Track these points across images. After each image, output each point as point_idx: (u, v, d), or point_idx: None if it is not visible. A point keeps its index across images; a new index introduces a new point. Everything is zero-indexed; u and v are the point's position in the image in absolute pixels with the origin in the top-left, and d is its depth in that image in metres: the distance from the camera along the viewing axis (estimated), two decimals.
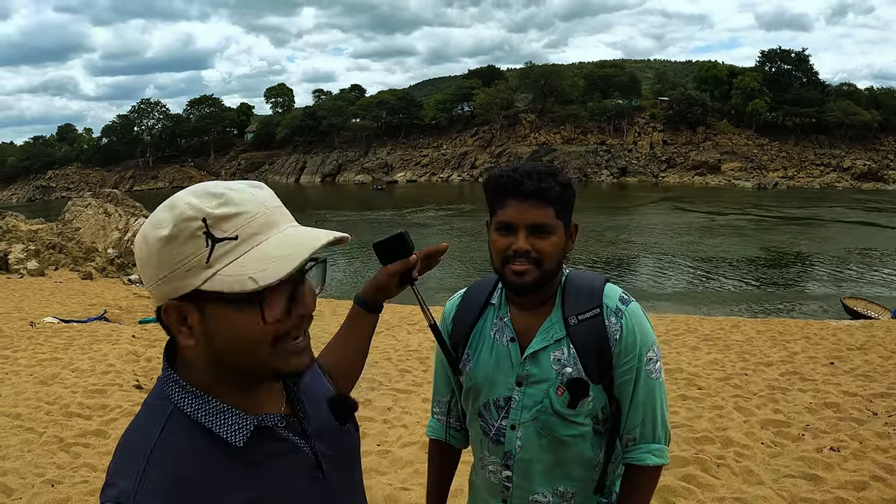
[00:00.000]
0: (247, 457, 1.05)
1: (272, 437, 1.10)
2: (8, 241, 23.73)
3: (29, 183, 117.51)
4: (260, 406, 1.11)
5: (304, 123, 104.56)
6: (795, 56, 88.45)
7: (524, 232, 1.70)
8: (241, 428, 1.05)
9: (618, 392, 1.79)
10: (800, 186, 71.17)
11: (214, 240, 0.97)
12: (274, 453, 1.10)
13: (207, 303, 0.99)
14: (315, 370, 1.34)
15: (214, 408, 1.05)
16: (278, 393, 1.17)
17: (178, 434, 1.02)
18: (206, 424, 1.03)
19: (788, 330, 11.61)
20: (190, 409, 1.04)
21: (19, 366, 8.45)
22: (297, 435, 1.15)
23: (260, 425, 1.08)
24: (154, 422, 1.03)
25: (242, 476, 1.04)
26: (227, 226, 0.98)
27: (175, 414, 1.04)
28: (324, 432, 1.20)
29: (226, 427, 1.04)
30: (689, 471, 4.89)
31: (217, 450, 1.03)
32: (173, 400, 1.05)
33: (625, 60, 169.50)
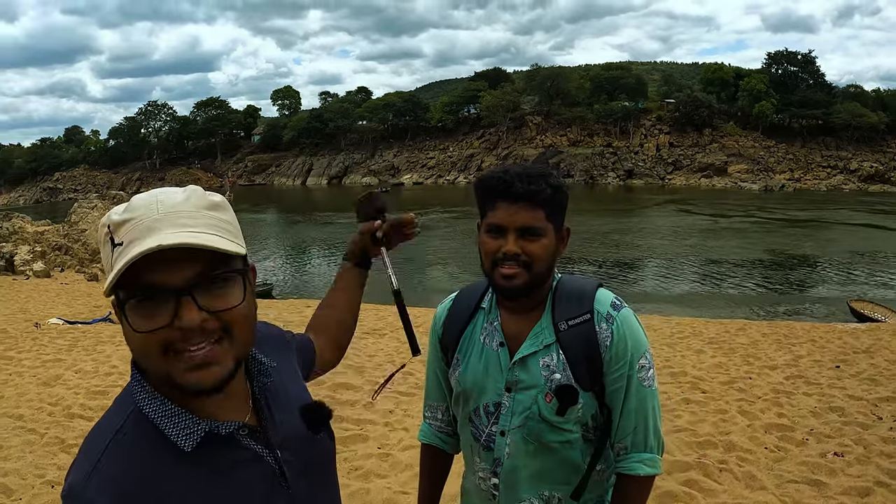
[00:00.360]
0: (199, 462, 1.04)
1: (231, 444, 1.09)
2: (14, 242, 23.81)
3: (36, 185, 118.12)
4: (222, 413, 1.09)
5: (311, 126, 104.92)
6: (802, 58, 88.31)
7: (514, 234, 1.67)
8: (191, 433, 1.04)
9: (609, 400, 1.75)
10: (806, 189, 71.00)
11: (113, 244, 0.99)
12: (232, 461, 1.08)
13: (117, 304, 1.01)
14: (295, 372, 1.34)
15: (169, 410, 1.04)
16: (244, 400, 1.16)
17: (134, 433, 1.03)
18: (160, 426, 1.03)
19: (794, 333, 11.56)
20: (148, 410, 1.05)
21: (23, 367, 8.47)
22: (260, 444, 1.13)
23: (214, 431, 1.06)
24: (115, 419, 1.05)
25: (192, 481, 1.03)
26: (120, 232, 0.99)
27: (134, 413, 1.05)
28: (292, 441, 1.18)
29: (177, 430, 1.04)
30: (690, 476, 4.85)
31: (168, 453, 1.03)
32: (135, 399, 1.06)
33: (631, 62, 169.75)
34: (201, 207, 1.04)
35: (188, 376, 1.00)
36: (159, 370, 1.01)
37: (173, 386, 1.02)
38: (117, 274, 0.95)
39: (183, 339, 0.99)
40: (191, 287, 0.98)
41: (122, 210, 1.01)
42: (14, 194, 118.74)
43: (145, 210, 1.00)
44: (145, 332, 0.98)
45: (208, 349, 1.01)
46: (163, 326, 0.98)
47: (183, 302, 0.98)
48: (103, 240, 1.01)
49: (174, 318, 0.97)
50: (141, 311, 0.98)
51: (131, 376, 1.10)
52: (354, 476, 4.91)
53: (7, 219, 26.60)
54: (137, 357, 1.04)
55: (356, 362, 8.74)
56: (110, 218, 1.01)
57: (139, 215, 0.99)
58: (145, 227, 0.98)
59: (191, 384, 1.00)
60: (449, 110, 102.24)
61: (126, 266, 0.95)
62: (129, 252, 0.96)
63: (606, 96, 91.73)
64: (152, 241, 0.95)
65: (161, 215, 0.99)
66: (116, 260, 0.98)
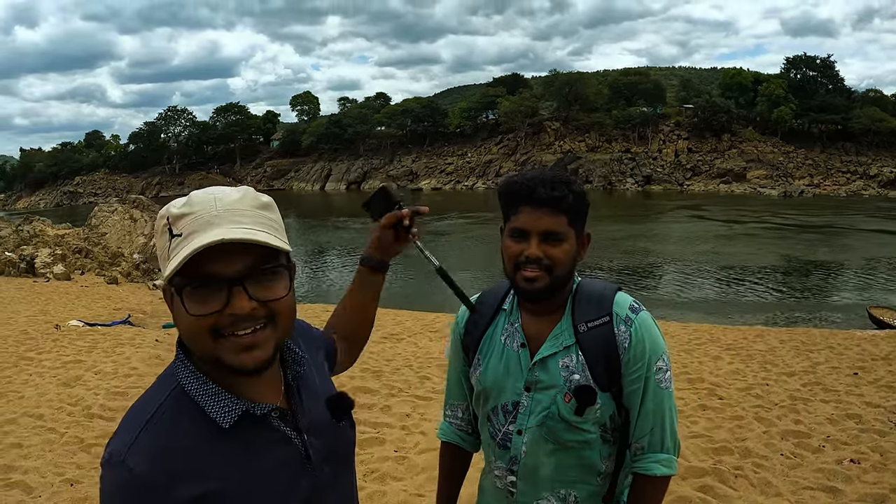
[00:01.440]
0: (235, 439, 1.14)
1: (264, 425, 1.18)
2: (35, 245, 24.05)
3: (56, 188, 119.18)
4: (257, 396, 1.19)
5: (330, 131, 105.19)
6: (821, 62, 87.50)
7: (537, 239, 1.72)
8: (229, 411, 1.13)
9: (626, 401, 1.80)
10: (826, 194, 70.33)
11: (171, 235, 1.10)
12: (264, 441, 1.18)
13: (174, 289, 1.11)
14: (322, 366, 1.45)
15: (210, 389, 1.14)
16: (277, 386, 1.25)
17: (175, 409, 1.13)
18: (201, 404, 1.13)
19: (812, 339, 11.48)
20: (189, 388, 1.15)
21: (43, 367, 8.57)
22: (289, 427, 1.23)
23: (249, 411, 1.15)
24: (158, 395, 1.16)
25: (227, 456, 1.13)
26: (179, 224, 1.10)
27: (177, 390, 1.15)
28: (318, 427, 1.28)
29: (217, 408, 1.13)
30: (706, 481, 4.85)
31: (206, 428, 1.13)
32: (178, 378, 1.16)
33: (649, 68, 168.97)
34: (254, 206, 1.15)
35: (234, 357, 1.10)
36: (208, 351, 1.10)
37: (220, 366, 1.11)
38: (182, 261, 1.05)
39: (232, 325, 1.09)
40: (242, 278, 1.09)
41: (181, 204, 1.12)
42: (35, 198, 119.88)
43: (204, 206, 1.10)
44: (199, 315, 1.08)
45: (254, 334, 1.11)
46: (215, 311, 1.08)
47: (235, 291, 1.08)
48: (161, 230, 1.12)
49: (226, 304, 1.08)
50: (196, 297, 1.08)
51: (176, 357, 1.19)
52: (371, 479, 4.95)
53: (28, 222, 26.87)
54: (187, 339, 1.13)
55: (373, 366, 8.78)
56: (169, 211, 1.12)
57: (199, 210, 1.10)
58: (205, 222, 1.08)
59: (236, 365, 1.10)
60: (467, 116, 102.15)
61: (191, 255, 1.04)
62: (192, 243, 1.06)
63: (625, 102, 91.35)
64: (214, 235, 1.06)
65: (219, 212, 1.10)
66: (175, 249, 1.08)
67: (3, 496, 4.60)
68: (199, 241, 1.05)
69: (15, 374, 8.26)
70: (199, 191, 1.15)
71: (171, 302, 1.13)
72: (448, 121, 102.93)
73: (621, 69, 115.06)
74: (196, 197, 1.13)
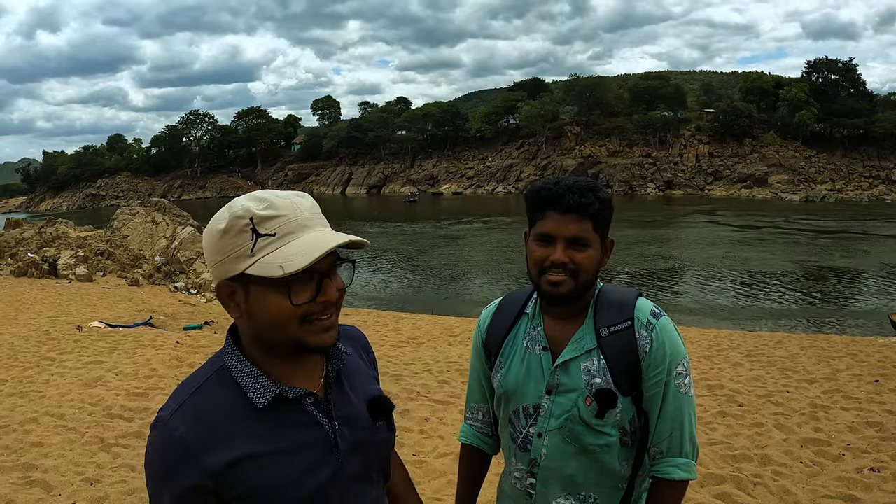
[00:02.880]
0: (266, 418, 1.27)
1: (296, 407, 1.31)
2: (57, 247, 24.32)
3: (79, 191, 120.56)
4: (297, 381, 1.33)
5: (351, 135, 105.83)
6: (843, 66, 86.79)
7: (563, 244, 1.75)
8: (265, 392, 1.27)
9: (646, 405, 1.81)
10: (848, 199, 69.69)
11: (258, 235, 1.21)
12: (294, 421, 1.30)
13: (250, 284, 1.23)
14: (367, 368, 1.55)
15: (251, 372, 1.28)
16: (317, 375, 1.38)
17: (217, 386, 1.28)
18: (240, 383, 1.27)
19: (833, 346, 11.35)
20: (233, 369, 1.29)
21: (65, 368, 8.66)
22: (321, 413, 1.34)
23: (283, 394, 1.28)
24: (204, 373, 1.31)
25: (258, 431, 1.25)
26: (268, 224, 1.22)
27: (221, 370, 1.30)
28: (350, 419, 1.38)
29: (254, 389, 1.27)
30: (724, 489, 4.82)
31: (242, 406, 1.26)
32: (224, 360, 1.31)
33: (670, 72, 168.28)
34: (319, 212, 1.30)
35: (317, 338, 1.26)
36: (292, 335, 1.25)
37: (300, 346, 1.26)
38: (318, 258, 1.18)
39: (322, 311, 1.26)
40: (330, 271, 1.26)
41: (261, 207, 1.23)
42: (57, 200, 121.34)
43: (291, 210, 1.24)
44: (300, 304, 1.22)
45: (331, 318, 1.28)
46: (310, 301, 1.23)
47: (325, 282, 1.25)
48: (239, 229, 1.22)
49: (317, 294, 1.23)
50: (296, 288, 1.21)
51: (226, 342, 1.34)
52: None
53: (51, 224, 27.18)
54: (273, 327, 1.25)
55: (392, 370, 8.80)
56: (250, 210, 1.22)
57: (288, 213, 1.23)
58: (298, 224, 1.24)
59: (318, 343, 1.27)
60: (488, 120, 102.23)
61: (325, 254, 1.19)
62: (298, 242, 1.21)
63: (645, 106, 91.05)
64: (325, 236, 1.23)
65: (305, 215, 1.25)
66: (269, 248, 1.21)
67: (24, 494, 4.66)
68: (311, 242, 1.21)
69: (36, 373, 8.36)
70: (263, 193, 1.27)
71: (234, 297, 1.26)
72: (468, 125, 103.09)
73: (642, 73, 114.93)
74: (278, 201, 1.24)
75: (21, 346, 10.06)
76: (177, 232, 25.23)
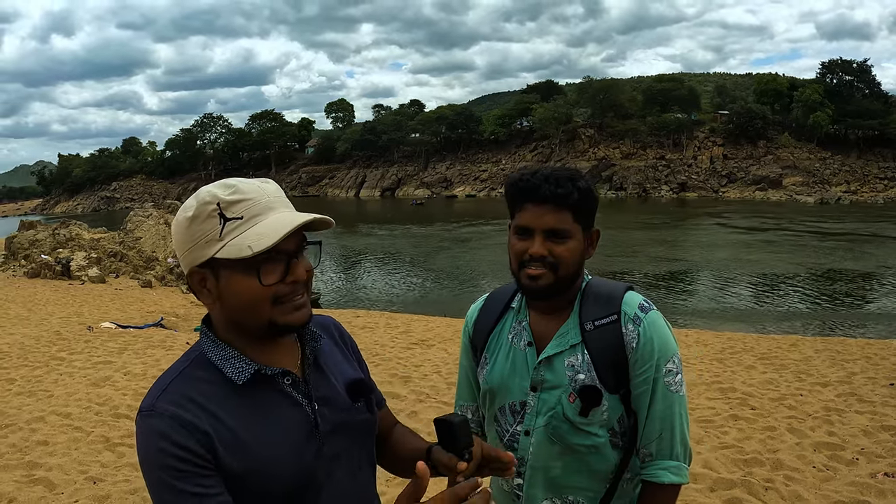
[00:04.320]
0: (247, 396, 1.29)
1: (275, 387, 1.33)
2: (71, 248, 24.48)
3: (94, 193, 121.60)
4: (275, 363, 1.34)
5: (364, 138, 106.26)
6: (857, 66, 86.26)
7: (540, 236, 1.69)
8: (243, 371, 1.29)
9: (634, 403, 1.74)
10: (863, 201, 69.21)
11: (225, 219, 1.24)
12: (274, 401, 1.32)
13: (220, 269, 1.26)
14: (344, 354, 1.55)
15: (228, 353, 1.31)
16: (295, 358, 1.40)
17: (196, 370, 1.30)
18: (219, 365, 1.30)
19: (848, 349, 11.22)
20: (210, 354, 1.31)
21: (74, 368, 8.70)
22: (300, 394, 1.36)
23: (261, 371, 1.30)
24: (181, 362, 1.33)
25: (239, 408, 1.28)
26: (235, 208, 1.24)
27: (199, 356, 1.32)
28: (331, 401, 1.39)
29: (232, 368, 1.29)
30: (734, 493, 4.74)
31: (225, 386, 1.29)
32: (201, 347, 1.33)
33: (684, 74, 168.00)
34: (284, 196, 1.33)
35: (289, 317, 1.28)
36: (265, 317, 1.27)
37: (273, 327, 1.28)
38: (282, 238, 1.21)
39: (291, 292, 1.28)
40: (297, 252, 1.28)
41: (227, 192, 1.26)
42: (72, 202, 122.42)
43: (256, 193, 1.27)
44: (269, 284, 1.24)
45: (302, 297, 1.30)
46: (279, 281, 1.25)
47: (293, 263, 1.27)
48: (207, 215, 1.25)
49: (286, 274, 1.26)
50: (265, 269, 1.24)
51: (201, 332, 1.36)
52: (394, 484, 4.90)
53: (64, 225, 27.33)
54: (246, 308, 1.27)
55: (402, 372, 8.77)
56: (217, 196, 1.25)
57: (254, 196, 1.26)
58: (264, 206, 1.26)
59: (290, 322, 1.29)
60: (501, 123, 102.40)
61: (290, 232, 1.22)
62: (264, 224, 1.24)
63: (659, 108, 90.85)
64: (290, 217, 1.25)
65: (271, 198, 1.28)
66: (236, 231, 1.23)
67: (27, 492, 4.66)
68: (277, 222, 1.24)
69: (45, 373, 8.40)
70: (228, 180, 1.30)
71: (205, 283, 1.29)
72: (482, 128, 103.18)
73: (655, 75, 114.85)
74: (243, 185, 1.27)
75: (31, 345, 10.12)
76: None
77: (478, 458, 1.40)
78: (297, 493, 1.30)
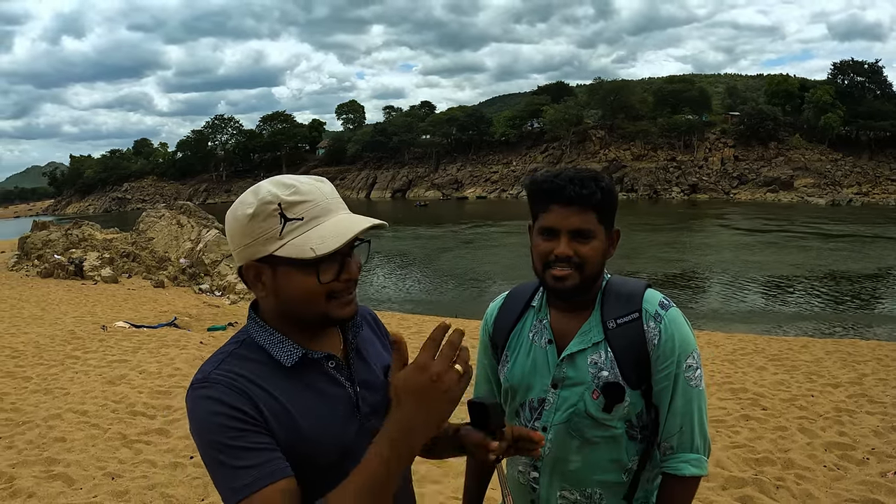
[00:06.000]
0: (296, 377, 1.36)
1: (321, 371, 1.40)
2: (83, 249, 24.62)
3: (105, 194, 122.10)
4: (319, 348, 1.42)
5: (375, 139, 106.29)
6: (869, 67, 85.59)
7: (566, 237, 1.71)
8: (292, 354, 1.36)
9: (656, 399, 1.78)
10: (875, 203, 68.68)
11: (286, 219, 1.29)
12: (321, 382, 1.39)
13: (278, 265, 1.32)
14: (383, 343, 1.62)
15: (276, 339, 1.37)
16: (337, 344, 1.47)
17: (245, 351, 1.36)
18: (267, 349, 1.36)
19: (859, 351, 11.20)
20: (258, 338, 1.38)
21: (89, 366, 8.77)
22: (344, 377, 1.43)
23: (307, 355, 1.37)
24: (230, 343, 1.40)
25: (290, 386, 1.34)
26: (296, 209, 1.30)
27: (247, 340, 1.39)
28: (369, 383, 1.47)
29: (281, 352, 1.36)
30: (746, 492, 4.77)
31: (273, 367, 1.35)
32: (249, 332, 1.40)
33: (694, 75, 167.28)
34: (338, 196, 1.39)
35: (342, 311, 1.36)
36: (319, 311, 1.34)
37: (327, 319, 1.36)
38: (348, 242, 1.28)
39: (345, 289, 1.36)
40: (351, 251, 1.36)
41: (288, 192, 1.31)
42: (84, 203, 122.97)
43: (316, 195, 1.33)
44: (327, 282, 1.31)
45: (352, 293, 1.38)
46: (334, 279, 1.32)
47: (347, 261, 1.34)
48: (267, 214, 1.29)
49: (340, 272, 1.33)
50: (323, 268, 1.30)
51: (248, 316, 1.42)
52: (418, 461, 4.96)
53: (77, 226, 27.50)
54: (302, 303, 1.34)
55: None
56: (278, 196, 1.30)
57: (314, 199, 1.32)
58: (323, 209, 1.32)
59: (342, 316, 1.37)
60: (512, 124, 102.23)
61: (354, 238, 1.30)
62: (325, 225, 1.30)
63: (670, 110, 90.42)
64: (351, 219, 1.34)
65: (329, 200, 1.35)
66: (298, 231, 1.29)
67: (46, 487, 4.72)
68: (338, 226, 1.30)
69: (61, 371, 8.48)
70: (286, 178, 1.35)
71: (261, 277, 1.34)
72: (493, 129, 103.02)
73: (666, 77, 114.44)
74: (303, 187, 1.33)
75: (46, 344, 10.21)
76: (202, 234, 25.40)
77: (508, 439, 1.48)
78: (336, 464, 1.34)
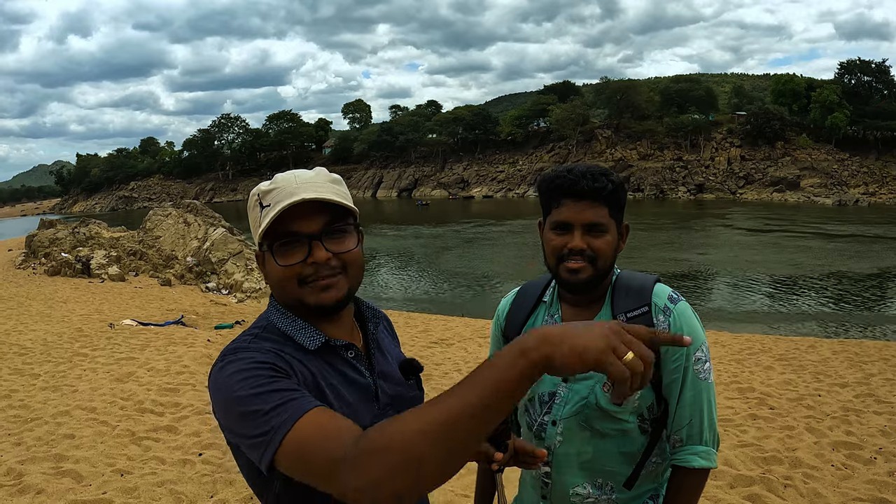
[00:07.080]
0: (319, 356, 1.38)
1: (342, 359, 1.42)
2: (90, 247, 24.67)
3: (112, 193, 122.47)
4: (338, 336, 1.44)
5: (381, 139, 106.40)
6: (876, 67, 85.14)
7: (580, 231, 1.74)
8: (314, 339, 1.38)
9: (665, 392, 1.79)
10: (881, 203, 68.42)
11: (262, 207, 1.36)
12: (343, 367, 1.41)
13: (264, 251, 1.38)
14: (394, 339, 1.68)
15: (297, 323, 1.40)
16: (356, 336, 1.51)
17: (269, 334, 1.38)
18: (289, 333, 1.38)
19: (866, 351, 11.17)
20: (280, 324, 1.40)
21: (97, 364, 8.80)
22: (363, 366, 1.45)
23: (330, 342, 1.40)
24: (253, 327, 1.42)
25: (315, 364, 1.36)
26: (267, 197, 1.36)
27: (268, 325, 1.41)
28: (388, 376, 1.49)
29: (304, 336, 1.38)
30: (754, 490, 4.77)
31: (296, 348, 1.37)
32: (269, 318, 1.43)
33: (701, 75, 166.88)
34: (326, 181, 1.41)
35: (315, 297, 1.36)
36: (294, 295, 1.37)
37: (303, 306, 1.37)
38: (270, 221, 1.31)
39: (314, 273, 1.35)
40: (320, 234, 1.35)
41: (268, 183, 1.39)
42: (91, 202, 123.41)
43: (287, 181, 1.37)
44: (287, 265, 1.34)
45: (330, 279, 1.36)
46: (299, 262, 1.34)
47: (314, 244, 1.34)
48: (253, 205, 1.39)
49: (308, 256, 1.34)
50: (283, 252, 1.35)
51: (269, 303, 1.47)
52: None
53: (84, 224, 27.56)
54: (277, 287, 1.39)
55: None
56: (259, 188, 1.39)
57: (282, 185, 1.36)
58: (288, 192, 1.34)
59: (316, 302, 1.36)
60: (518, 124, 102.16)
61: (277, 214, 1.31)
62: (277, 207, 1.32)
63: (676, 109, 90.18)
64: (296, 198, 1.32)
65: (299, 184, 1.35)
66: (265, 216, 1.34)
67: (55, 483, 4.74)
68: (283, 204, 1.31)
69: (69, 369, 8.51)
70: (283, 172, 1.41)
71: (263, 263, 1.41)
72: (499, 129, 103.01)
73: (672, 76, 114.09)
74: (280, 176, 1.39)
75: (54, 342, 10.25)
76: (208, 233, 25.42)
77: (511, 451, 1.52)
78: None
